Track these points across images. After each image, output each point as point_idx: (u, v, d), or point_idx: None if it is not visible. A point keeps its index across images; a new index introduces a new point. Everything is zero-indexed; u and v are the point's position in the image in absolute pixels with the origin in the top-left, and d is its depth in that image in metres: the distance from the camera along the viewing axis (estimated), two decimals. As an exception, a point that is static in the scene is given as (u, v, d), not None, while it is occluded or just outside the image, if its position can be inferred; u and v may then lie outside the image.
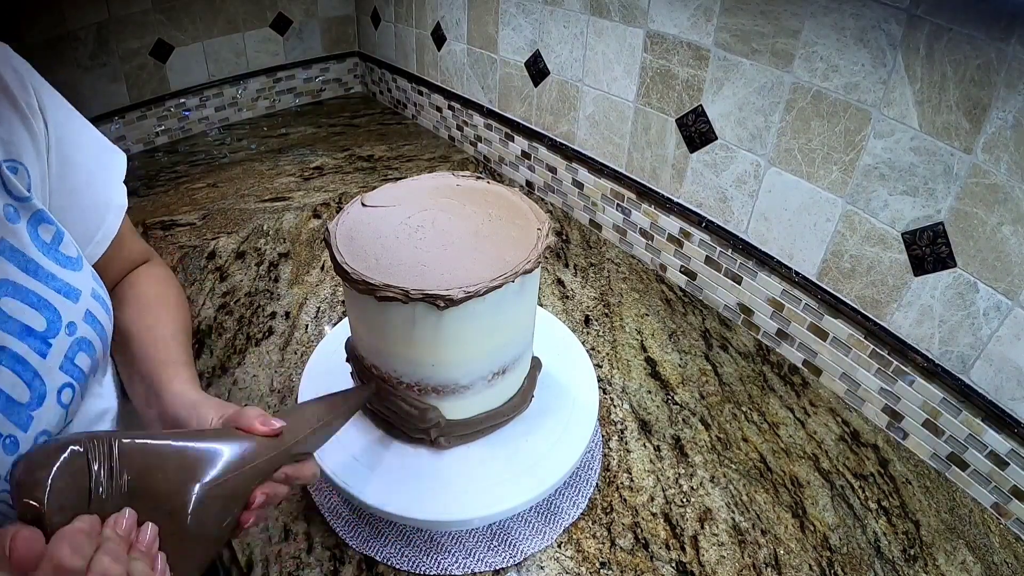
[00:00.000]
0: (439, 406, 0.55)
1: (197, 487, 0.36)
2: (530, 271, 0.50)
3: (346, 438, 0.58)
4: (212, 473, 0.37)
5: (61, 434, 0.42)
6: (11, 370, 0.38)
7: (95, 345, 0.45)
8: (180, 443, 0.37)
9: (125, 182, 0.53)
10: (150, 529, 0.34)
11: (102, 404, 0.50)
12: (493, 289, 0.47)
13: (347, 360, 0.60)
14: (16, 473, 0.31)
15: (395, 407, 0.55)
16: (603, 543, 0.57)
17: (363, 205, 0.56)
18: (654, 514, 0.60)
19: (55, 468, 0.30)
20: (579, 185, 1.03)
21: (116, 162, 0.53)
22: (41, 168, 0.44)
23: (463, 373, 0.53)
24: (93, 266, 0.49)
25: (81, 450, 0.32)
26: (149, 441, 0.36)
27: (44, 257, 0.42)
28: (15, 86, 0.42)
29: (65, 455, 0.31)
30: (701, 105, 0.79)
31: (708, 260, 0.86)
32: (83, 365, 0.44)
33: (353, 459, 0.56)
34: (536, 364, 0.62)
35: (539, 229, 0.53)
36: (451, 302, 0.46)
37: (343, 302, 0.86)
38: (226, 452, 0.39)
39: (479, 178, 0.60)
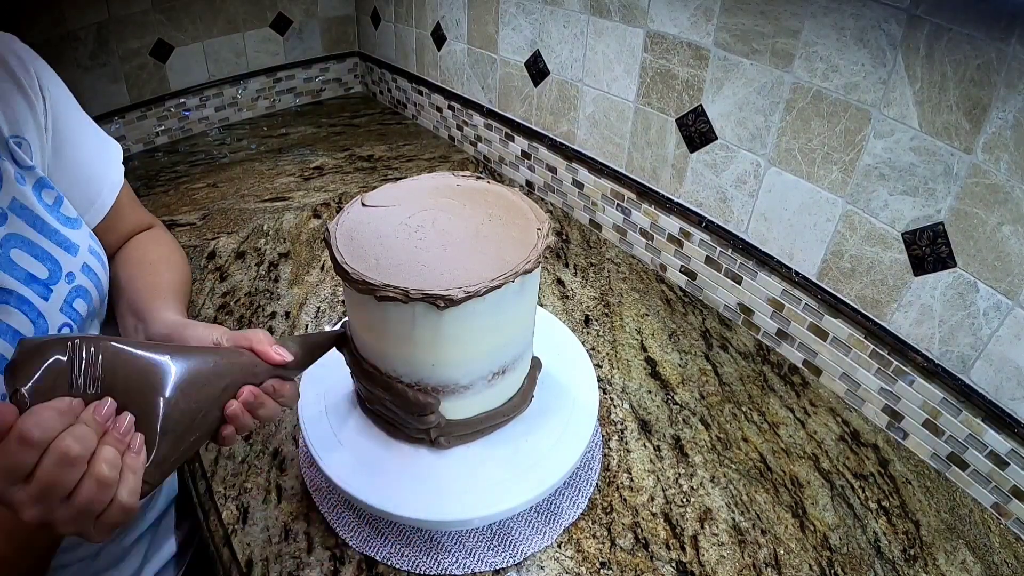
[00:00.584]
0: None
1: (161, 398, 0.38)
2: (530, 271, 0.50)
3: (346, 438, 0.58)
4: (176, 385, 0.39)
5: None
6: (18, 310, 0.45)
7: (91, 294, 0.52)
8: (156, 355, 0.40)
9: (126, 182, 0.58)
10: (127, 418, 0.36)
11: None
12: (493, 289, 0.47)
13: (348, 364, 0.60)
14: (9, 363, 0.34)
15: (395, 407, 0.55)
16: (603, 543, 0.57)
17: (363, 205, 0.56)
18: (654, 514, 0.60)
19: (42, 366, 0.34)
20: (579, 185, 1.03)
21: (111, 147, 0.60)
22: (41, 142, 0.50)
23: (463, 373, 0.53)
24: (93, 231, 0.55)
25: (64, 359, 0.35)
26: (128, 348, 0.38)
27: (48, 215, 0.48)
28: (18, 69, 0.49)
29: (50, 358, 0.34)
30: (701, 105, 0.79)
31: (708, 260, 0.86)
32: (80, 309, 0.50)
33: (353, 459, 0.56)
34: (536, 364, 0.62)
35: (539, 229, 0.53)
36: (451, 302, 0.46)
37: (343, 302, 0.86)
38: (203, 366, 0.41)
39: (479, 178, 0.60)
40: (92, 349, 0.36)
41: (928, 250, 0.62)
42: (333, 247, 0.50)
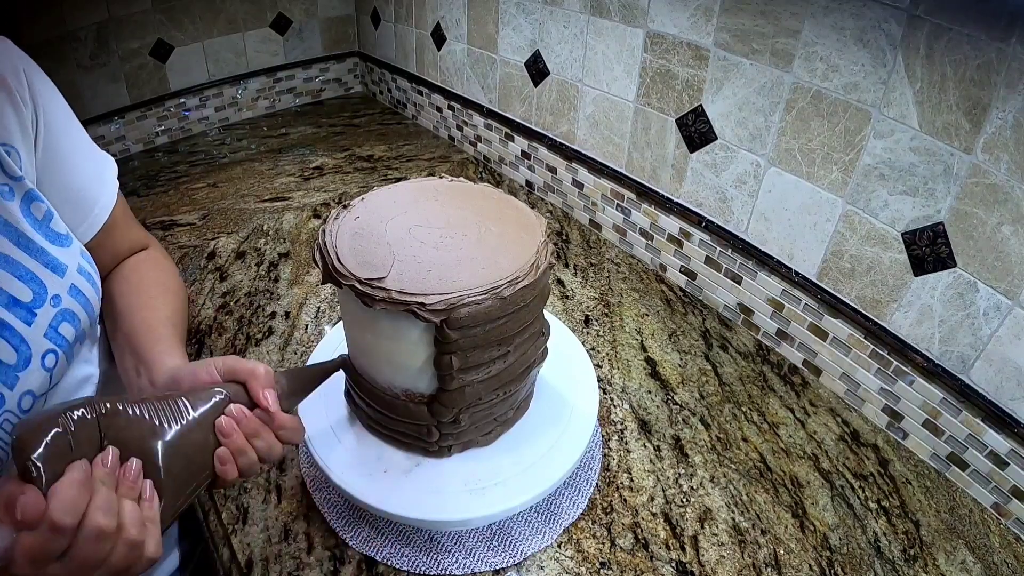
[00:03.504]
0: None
1: (159, 444, 0.39)
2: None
3: (346, 437, 0.58)
4: (174, 428, 0.40)
5: (45, 396, 0.47)
6: None
7: (79, 317, 0.49)
8: (148, 405, 0.40)
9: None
10: (135, 464, 0.37)
11: (88, 369, 0.55)
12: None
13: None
14: (12, 443, 0.34)
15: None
16: (603, 543, 0.57)
17: (358, 209, 0.56)
18: (654, 514, 0.60)
19: (44, 437, 0.34)
20: (579, 185, 1.03)
21: (106, 162, 0.58)
22: (29, 153, 0.48)
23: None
24: (85, 246, 0.53)
25: (60, 429, 0.35)
26: (119, 404, 0.39)
27: (35, 232, 0.46)
28: (10, 77, 0.47)
29: (50, 430, 0.35)
30: (701, 105, 0.79)
31: (708, 260, 0.86)
32: (67, 334, 0.47)
33: (353, 459, 0.56)
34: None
35: (543, 239, 0.53)
36: (451, 302, 0.46)
37: (343, 302, 0.86)
38: (192, 408, 0.41)
39: (478, 180, 0.60)
40: (85, 412, 0.37)
41: (928, 250, 0.61)
42: (327, 253, 0.50)
